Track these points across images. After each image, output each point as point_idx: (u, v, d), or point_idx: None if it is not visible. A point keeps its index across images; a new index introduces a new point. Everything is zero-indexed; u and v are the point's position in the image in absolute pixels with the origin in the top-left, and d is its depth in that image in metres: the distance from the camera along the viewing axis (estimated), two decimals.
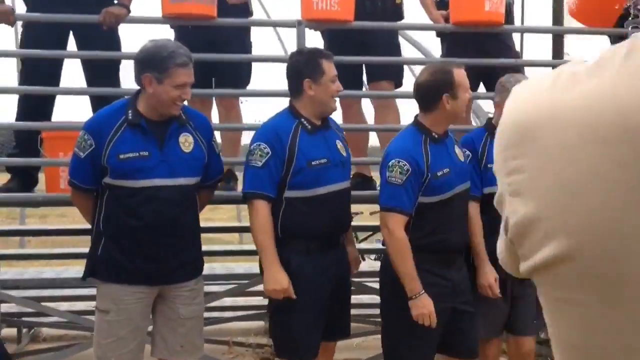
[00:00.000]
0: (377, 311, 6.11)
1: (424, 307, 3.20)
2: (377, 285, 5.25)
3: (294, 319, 3.29)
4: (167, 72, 3.05)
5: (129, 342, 3.16)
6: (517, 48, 5.07)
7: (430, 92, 3.33)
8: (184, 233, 3.24)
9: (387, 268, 3.35)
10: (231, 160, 4.32)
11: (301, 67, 3.34)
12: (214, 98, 4.46)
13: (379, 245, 8.26)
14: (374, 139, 4.99)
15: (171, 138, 3.19)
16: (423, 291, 3.21)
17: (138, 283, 3.16)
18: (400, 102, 4.71)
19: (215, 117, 4.47)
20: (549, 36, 5.06)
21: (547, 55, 5.02)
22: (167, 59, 3.06)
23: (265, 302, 6.39)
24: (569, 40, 5.63)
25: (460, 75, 3.33)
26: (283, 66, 3.52)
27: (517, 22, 5.38)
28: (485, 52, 4.46)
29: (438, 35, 4.80)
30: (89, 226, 3.36)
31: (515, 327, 3.75)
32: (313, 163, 3.28)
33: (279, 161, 3.26)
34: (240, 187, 3.78)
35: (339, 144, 3.44)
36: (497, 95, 3.67)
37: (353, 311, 3.71)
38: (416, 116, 3.47)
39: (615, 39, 4.79)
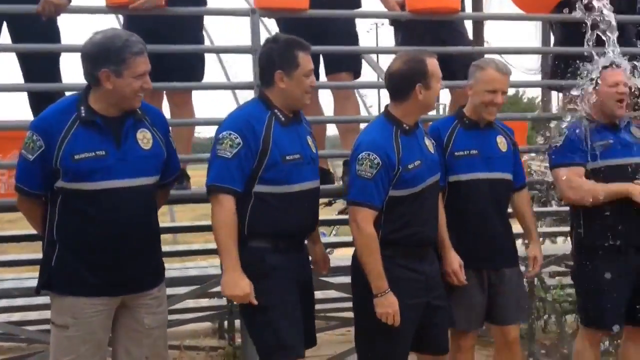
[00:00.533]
0: (334, 305, 6.23)
1: (389, 306, 3.16)
2: (335, 280, 5.30)
3: (276, 318, 3.09)
4: (125, 64, 2.85)
5: (90, 358, 2.93)
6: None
7: (404, 81, 3.25)
8: (146, 237, 3.04)
9: (358, 265, 3.25)
10: (184, 158, 4.11)
11: (274, 56, 3.10)
12: (164, 93, 4.20)
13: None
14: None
15: (128, 135, 2.96)
16: (389, 289, 3.16)
17: (99, 294, 2.93)
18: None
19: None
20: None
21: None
22: (123, 49, 2.84)
23: (215, 303, 6.32)
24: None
25: (433, 64, 3.26)
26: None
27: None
28: (442, 41, 4.36)
29: (392, 23, 4.68)
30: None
31: (497, 317, 3.72)
32: (287, 158, 3.08)
33: (250, 153, 3.03)
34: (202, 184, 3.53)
35: (309, 140, 3.28)
36: (470, 79, 3.62)
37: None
38: (386, 106, 3.38)
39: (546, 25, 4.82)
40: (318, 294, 5.79)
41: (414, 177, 3.24)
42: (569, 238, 4.21)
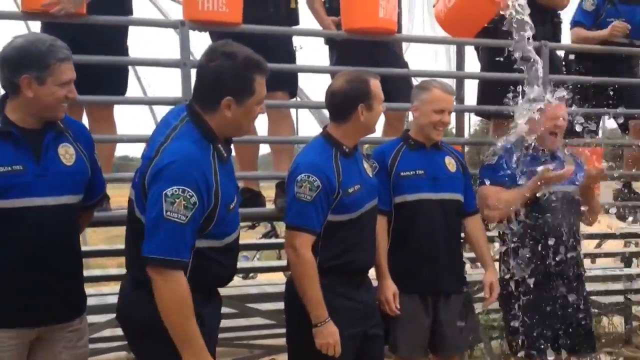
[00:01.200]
0: (258, 333, 6.04)
1: (329, 336, 3.02)
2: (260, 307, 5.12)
3: None
4: (49, 70, 2.61)
5: None
6: None
7: (345, 101, 3.13)
8: (67, 262, 2.77)
9: (294, 293, 3.08)
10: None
11: (227, 77, 2.50)
12: (83, 107, 3.91)
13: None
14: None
15: (49, 149, 2.70)
16: (329, 318, 3.02)
17: (11, 326, 2.64)
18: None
19: None
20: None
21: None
22: (47, 54, 2.61)
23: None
24: None
25: (376, 85, 3.17)
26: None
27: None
28: (376, 62, 4.26)
29: (327, 42, 4.55)
30: None
31: (439, 347, 3.63)
32: (231, 207, 2.62)
33: (201, 209, 2.46)
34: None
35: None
36: (414, 100, 3.58)
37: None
38: (325, 127, 3.25)
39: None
40: (242, 321, 5.64)
41: (353, 201, 3.12)
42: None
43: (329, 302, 3.03)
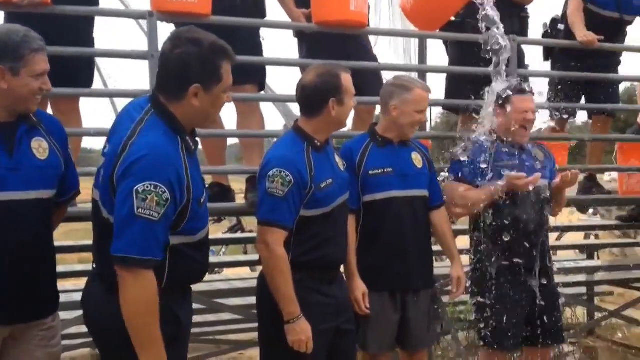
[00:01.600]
0: (225, 328, 5.99)
1: (301, 333, 3.00)
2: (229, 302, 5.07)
3: None
4: (23, 61, 2.54)
5: None
6: None
7: (317, 95, 3.10)
8: (41, 258, 2.69)
9: (267, 289, 3.05)
10: None
11: (193, 64, 2.40)
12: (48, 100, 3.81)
13: None
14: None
15: (22, 143, 2.62)
16: (301, 315, 2.99)
17: None
18: None
19: None
20: None
21: None
22: (21, 44, 2.54)
23: None
24: None
25: (347, 80, 3.14)
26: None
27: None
28: (347, 55, 4.23)
29: (296, 35, 4.51)
30: None
31: (407, 342, 3.63)
32: (202, 201, 2.54)
33: (173, 205, 2.37)
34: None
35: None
36: (394, 98, 3.50)
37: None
38: (296, 121, 3.22)
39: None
40: (208, 317, 5.58)
41: (326, 196, 3.10)
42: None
43: (302, 297, 3.01)
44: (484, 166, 3.73)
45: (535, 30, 5.24)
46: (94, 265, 2.59)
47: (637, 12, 5.09)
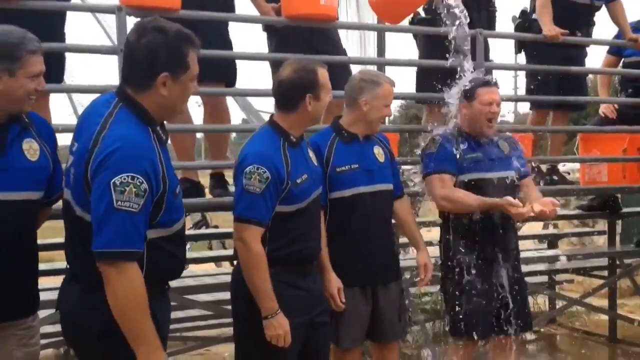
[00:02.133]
0: (192, 324, 5.95)
1: (279, 327, 3.01)
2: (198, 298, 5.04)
3: None
4: (20, 62, 2.53)
5: None
6: None
7: (293, 91, 3.10)
8: (25, 258, 2.66)
9: (242, 284, 3.05)
10: None
11: (161, 52, 2.37)
12: None
13: None
14: None
15: (13, 144, 2.60)
16: (279, 310, 3.00)
17: None
18: None
19: None
20: None
21: None
22: (19, 46, 2.53)
23: (54, 329, 5.79)
24: None
25: (324, 75, 3.15)
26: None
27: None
28: (316, 49, 4.25)
29: (265, 29, 4.50)
30: None
31: (378, 335, 3.67)
32: (177, 192, 2.51)
33: (150, 196, 2.35)
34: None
35: None
36: (364, 93, 3.50)
37: None
38: (271, 116, 3.21)
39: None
40: (178, 314, 5.54)
41: (301, 192, 3.11)
42: None
43: (276, 291, 3.02)
44: (455, 159, 3.78)
45: (503, 24, 5.32)
46: (68, 266, 2.54)
47: None
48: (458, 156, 3.78)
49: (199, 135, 4.58)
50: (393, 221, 3.81)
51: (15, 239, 2.60)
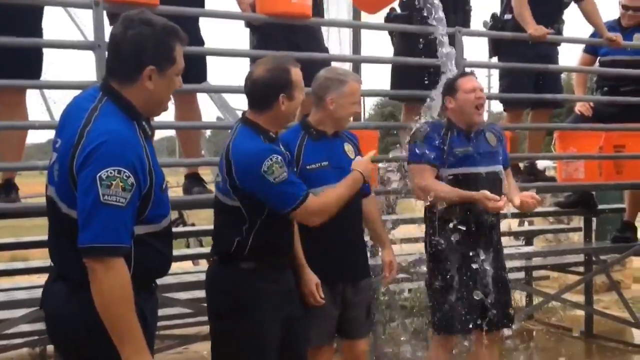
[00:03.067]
0: (169, 323, 5.91)
1: None
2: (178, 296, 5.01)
3: None
4: None
5: None
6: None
7: (267, 91, 3.07)
8: None
9: (217, 281, 3.08)
10: (14, 166, 3.62)
11: (148, 45, 2.34)
12: None
13: None
14: None
15: None
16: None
17: None
18: None
19: None
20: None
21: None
22: None
23: (37, 327, 5.74)
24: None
25: (297, 74, 3.12)
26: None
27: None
28: (297, 46, 4.23)
29: (247, 25, 4.48)
30: None
31: (348, 331, 3.66)
32: (163, 187, 2.48)
33: (138, 190, 2.31)
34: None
35: None
36: (330, 92, 3.46)
37: None
38: (244, 113, 3.19)
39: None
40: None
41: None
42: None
43: (258, 286, 3.02)
44: (440, 147, 3.78)
45: (475, 25, 5.32)
46: (53, 265, 2.47)
47: None
48: (446, 148, 3.78)
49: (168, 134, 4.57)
50: None
51: None
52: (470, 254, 3.81)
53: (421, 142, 3.81)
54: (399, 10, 4.89)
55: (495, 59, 5.40)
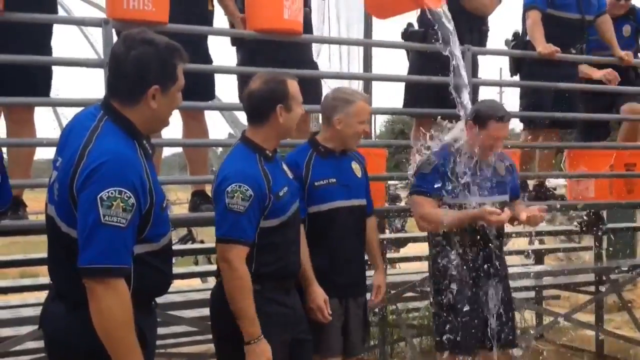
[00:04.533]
0: (175, 341, 5.89)
1: (261, 354, 2.95)
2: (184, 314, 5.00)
3: None
4: None
5: None
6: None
7: (264, 102, 3.07)
8: None
9: (224, 305, 2.97)
10: (23, 183, 3.63)
11: (152, 64, 2.32)
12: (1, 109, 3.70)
13: None
14: None
15: None
16: (262, 335, 2.94)
17: None
18: None
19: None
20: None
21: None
22: None
23: (37, 345, 5.75)
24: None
25: (294, 87, 3.13)
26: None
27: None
28: (283, 63, 4.13)
29: (234, 43, 4.49)
30: None
31: (347, 347, 3.61)
32: (163, 206, 2.47)
33: (140, 210, 2.30)
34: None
35: None
36: (338, 112, 3.47)
37: None
38: (243, 132, 3.19)
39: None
40: (161, 330, 5.49)
41: (283, 204, 3.09)
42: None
43: (262, 308, 2.97)
44: (445, 178, 3.71)
45: (495, 45, 5.31)
46: (52, 284, 2.45)
47: (596, 12, 5.23)
48: (452, 176, 3.72)
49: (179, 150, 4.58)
50: None
51: None
52: (474, 274, 3.77)
53: (425, 173, 3.75)
54: (416, 26, 4.89)
55: (505, 73, 5.40)
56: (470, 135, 3.77)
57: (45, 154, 3.06)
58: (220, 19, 4.48)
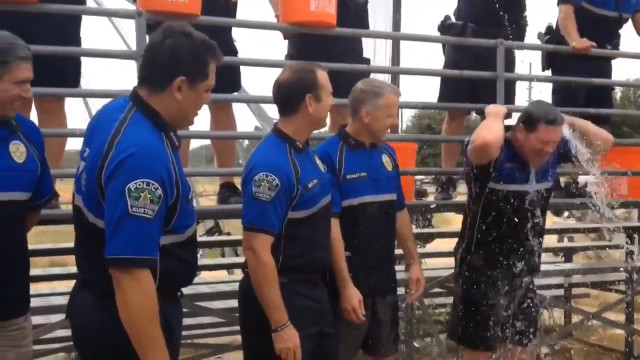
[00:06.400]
0: (203, 332, 5.92)
1: (289, 340, 2.95)
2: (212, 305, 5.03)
3: None
4: (7, 67, 2.58)
5: None
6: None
7: (292, 91, 3.06)
8: (14, 258, 2.71)
9: (251, 295, 2.98)
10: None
11: (184, 56, 2.36)
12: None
13: None
14: None
15: (0, 146, 2.65)
16: (289, 322, 2.94)
17: None
18: None
19: None
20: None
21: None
22: (8, 51, 2.58)
23: (66, 333, 5.82)
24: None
25: (323, 77, 3.11)
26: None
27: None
28: (331, 57, 4.13)
29: (285, 37, 4.49)
30: None
31: (374, 348, 3.60)
32: (189, 197, 2.51)
33: (166, 202, 2.32)
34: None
35: None
36: (366, 104, 3.44)
37: None
38: (275, 124, 3.19)
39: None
40: (190, 321, 5.52)
41: (313, 197, 3.07)
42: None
43: (290, 301, 2.97)
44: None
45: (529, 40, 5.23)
46: (80, 274, 2.50)
47: (634, 10, 5.13)
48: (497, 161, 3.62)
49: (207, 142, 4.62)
50: None
51: (5, 238, 2.65)
52: (505, 267, 3.72)
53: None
54: (453, 19, 4.84)
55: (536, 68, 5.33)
56: (520, 139, 3.63)
57: (76, 144, 3.09)
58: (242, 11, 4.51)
